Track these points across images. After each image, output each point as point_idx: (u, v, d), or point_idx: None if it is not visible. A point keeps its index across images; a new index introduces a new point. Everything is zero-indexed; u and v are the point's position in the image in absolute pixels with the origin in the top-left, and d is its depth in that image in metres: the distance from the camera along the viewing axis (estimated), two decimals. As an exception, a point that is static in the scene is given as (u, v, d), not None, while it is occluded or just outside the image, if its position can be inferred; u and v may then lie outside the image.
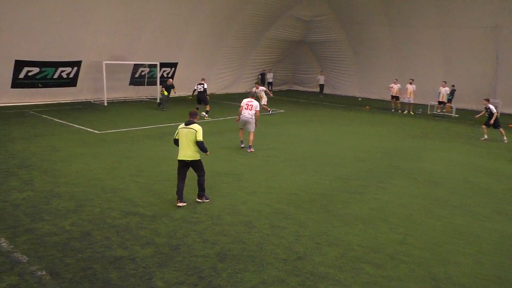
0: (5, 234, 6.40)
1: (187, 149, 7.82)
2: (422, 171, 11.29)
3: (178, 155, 7.90)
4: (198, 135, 7.82)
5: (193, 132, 7.83)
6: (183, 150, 7.83)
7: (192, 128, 7.84)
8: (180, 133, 7.87)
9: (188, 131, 7.83)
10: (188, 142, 7.80)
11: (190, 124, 7.89)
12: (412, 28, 26.96)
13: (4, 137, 13.00)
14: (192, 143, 7.82)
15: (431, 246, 6.74)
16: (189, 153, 7.83)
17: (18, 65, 18.76)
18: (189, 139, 7.80)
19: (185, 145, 7.81)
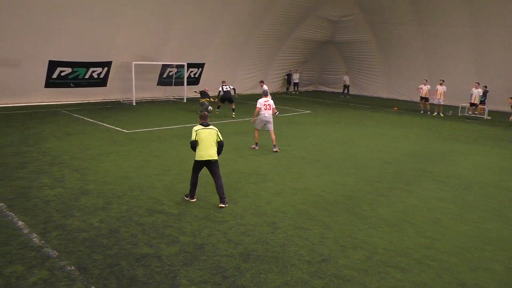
0: (36, 230, 6.62)
1: (211, 148, 7.95)
2: (451, 175, 11.00)
3: (199, 156, 7.95)
4: (220, 135, 8.08)
5: (215, 132, 8.04)
6: (207, 150, 7.92)
7: (213, 129, 8.05)
8: (202, 134, 7.94)
9: (210, 131, 7.99)
10: (212, 142, 7.95)
11: (208, 125, 8.06)
12: (443, 27, 26.29)
13: (37, 135, 13.46)
14: (215, 143, 8.00)
15: (459, 251, 6.56)
16: (213, 153, 7.98)
17: (52, 65, 19.39)
18: (213, 139, 7.97)
19: (209, 145, 7.92)
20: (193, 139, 7.98)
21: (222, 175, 9.63)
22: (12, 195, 8.08)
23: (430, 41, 27.53)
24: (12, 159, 10.57)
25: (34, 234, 6.45)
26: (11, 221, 6.90)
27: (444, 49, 26.99)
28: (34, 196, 8.07)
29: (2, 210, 7.33)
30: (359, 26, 30.48)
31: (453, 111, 23.84)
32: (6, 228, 6.62)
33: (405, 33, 28.38)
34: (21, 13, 17.14)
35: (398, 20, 28.05)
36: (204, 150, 7.92)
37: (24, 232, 6.50)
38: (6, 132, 13.67)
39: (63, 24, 18.45)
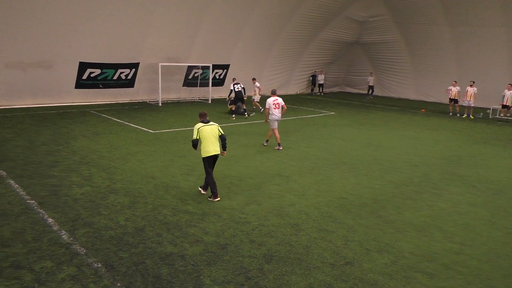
0: (66, 227, 6.80)
1: (215, 144, 8.36)
2: (482, 179, 10.67)
3: (207, 152, 8.26)
4: (221, 130, 8.50)
5: (216, 127, 8.45)
6: (211, 146, 8.29)
7: (213, 124, 8.45)
8: (204, 132, 8.27)
9: (212, 128, 8.37)
10: (214, 138, 8.35)
11: (208, 122, 8.45)
12: (473, 27, 25.57)
13: (67, 134, 13.84)
14: (216, 139, 8.41)
15: (490, 257, 6.35)
16: (217, 148, 8.40)
17: (82, 67, 19.92)
18: (215, 135, 8.37)
19: (213, 141, 8.31)
20: (195, 138, 8.33)
21: (246, 176, 9.72)
22: (43, 192, 8.33)
23: (460, 42, 26.82)
24: (45, 157, 10.90)
25: (63, 231, 6.63)
26: (41, 218, 7.12)
27: (475, 50, 26.23)
28: (64, 194, 8.29)
29: (33, 207, 7.57)
30: (386, 26, 29.98)
31: (484, 113, 23.13)
32: (37, 225, 6.83)
33: (434, 34, 27.73)
34: (53, 16, 17.68)
35: (427, 20, 27.44)
36: (210, 146, 8.28)
37: (54, 229, 6.69)
38: (39, 131, 14.12)
39: (93, 27, 18.94)
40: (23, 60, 18.22)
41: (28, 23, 17.31)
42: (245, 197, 8.53)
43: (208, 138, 8.27)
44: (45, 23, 17.69)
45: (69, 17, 18.09)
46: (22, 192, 8.29)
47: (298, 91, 32.20)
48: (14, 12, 16.75)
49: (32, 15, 17.22)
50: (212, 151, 8.28)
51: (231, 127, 16.50)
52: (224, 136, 8.51)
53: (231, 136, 14.69)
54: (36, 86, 19.21)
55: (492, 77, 25.15)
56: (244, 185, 9.34)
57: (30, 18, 17.24)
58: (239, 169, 10.55)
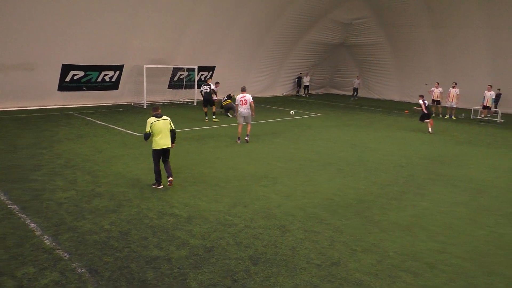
0: (49, 232, 6.69)
1: (167, 137, 8.88)
2: (465, 178, 10.85)
3: (158, 145, 8.79)
4: (172, 124, 9.00)
5: (168, 122, 8.94)
6: (163, 139, 8.81)
7: (166, 119, 8.93)
8: (157, 126, 8.74)
9: (164, 122, 8.85)
10: (166, 131, 8.84)
11: (161, 116, 8.89)
12: (456, 29, 26.02)
13: (51, 137, 13.63)
14: (168, 132, 8.90)
15: (473, 256, 6.46)
16: (168, 142, 8.92)
17: (65, 69, 19.65)
18: (167, 129, 8.86)
19: (165, 135, 8.83)
20: (148, 131, 8.79)
21: (233, 178, 9.73)
22: (26, 197, 8.19)
23: (443, 44, 27.27)
24: (27, 161, 10.72)
25: (46, 236, 6.52)
26: (23, 223, 6.99)
27: (458, 52, 26.69)
28: (47, 199, 8.16)
29: (15, 212, 7.43)
30: (371, 29, 30.34)
31: (466, 114, 23.53)
32: (19, 230, 6.70)
33: (417, 35, 28.15)
34: (35, 17, 17.41)
35: (411, 22, 27.84)
36: (161, 140, 8.79)
37: (36, 234, 6.58)
38: (21, 134, 13.88)
39: (76, 28, 18.70)
40: (4, 62, 17.88)
41: (10, 24, 17.01)
42: (232, 199, 8.52)
43: (160, 132, 8.76)
44: (27, 24, 17.40)
45: (52, 18, 17.83)
46: (3, 197, 8.13)
47: (284, 92, 32.32)
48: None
49: (14, 17, 16.92)
50: (162, 144, 8.81)
51: (218, 129, 16.47)
52: (174, 131, 9.04)
53: (218, 138, 14.66)
54: (18, 89, 18.86)
55: (474, 79, 25.61)
56: (231, 187, 9.32)
57: (12, 19, 16.94)
58: (226, 171, 10.53)
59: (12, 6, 16.63)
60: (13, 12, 16.79)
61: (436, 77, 26.85)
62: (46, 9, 17.47)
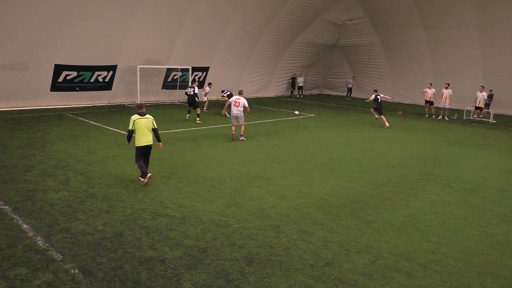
0: (41, 233, 6.64)
1: (148, 135, 9.15)
2: (457, 179, 10.93)
3: (139, 143, 9.04)
4: (154, 123, 9.26)
5: (150, 120, 9.22)
6: (144, 137, 9.09)
7: (149, 117, 9.20)
8: (139, 124, 9.04)
9: (147, 120, 9.14)
10: (148, 129, 9.11)
11: (144, 114, 9.17)
12: (448, 30, 26.21)
13: (43, 138, 13.53)
14: (150, 131, 9.17)
15: (465, 256, 6.50)
16: (150, 139, 9.19)
17: (58, 69, 19.52)
18: (149, 127, 9.13)
19: (146, 133, 9.10)
20: (130, 128, 9.10)
21: (227, 178, 9.74)
22: (18, 198, 8.12)
23: (435, 45, 27.46)
24: (19, 162, 10.63)
25: (38, 237, 6.47)
26: (16, 224, 6.93)
27: (450, 53, 26.89)
28: (39, 199, 8.10)
29: (8, 213, 7.37)
30: (364, 29, 30.46)
31: (459, 114, 23.71)
32: (11, 231, 6.65)
33: (411, 37, 28.32)
34: (28, 17, 17.29)
35: (404, 23, 28.00)
36: (143, 137, 9.06)
37: (29, 235, 6.53)
38: (13, 135, 13.76)
39: (69, 28, 18.60)
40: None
41: (2, 24, 16.87)
42: (226, 200, 8.51)
43: (142, 129, 9.04)
44: (20, 24, 17.27)
45: (44, 18, 17.71)
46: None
47: (278, 93, 32.36)
48: (-13, 13, 16.31)
49: (6, 16, 16.79)
50: (144, 142, 9.06)
51: (212, 130, 16.44)
52: (156, 130, 9.26)
53: (212, 138, 14.64)
54: (10, 89, 18.72)
55: (466, 79, 25.81)
56: (225, 187, 9.32)
57: (4, 19, 16.80)
58: (220, 172, 10.52)
59: (4, 6, 16.50)
60: (5, 12, 16.66)
61: (428, 78, 27.04)
62: (39, 9, 17.35)
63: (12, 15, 16.90)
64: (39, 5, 17.25)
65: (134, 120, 9.07)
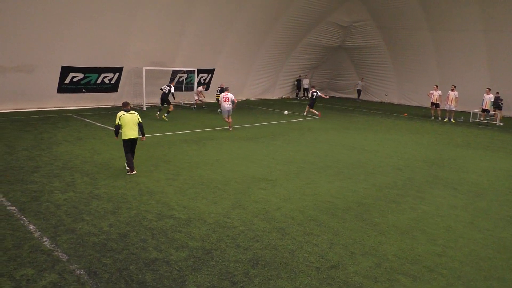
0: (47, 233, 6.68)
1: (134, 129, 10.00)
2: (464, 181, 10.86)
3: (125, 136, 9.93)
4: (139, 118, 10.10)
5: (136, 115, 10.05)
6: (131, 131, 9.96)
7: (134, 113, 10.05)
8: (125, 119, 9.90)
9: (132, 116, 9.99)
10: (133, 124, 9.97)
11: (129, 111, 10.05)
12: (455, 32, 26.11)
13: (50, 139, 13.61)
14: (135, 125, 10.01)
15: (472, 259, 6.46)
16: (135, 133, 10.05)
17: (64, 71, 19.65)
18: (134, 122, 9.98)
19: (132, 127, 9.96)
20: (117, 124, 9.92)
21: (232, 180, 9.74)
22: (24, 198, 8.17)
23: (442, 47, 27.36)
24: (26, 163, 10.70)
25: (45, 238, 6.51)
26: (22, 224, 6.98)
27: (456, 55, 26.78)
28: (45, 200, 8.15)
29: (14, 213, 7.42)
30: (370, 31, 30.42)
31: (465, 117, 23.58)
32: (17, 232, 6.69)
33: (416, 39, 28.23)
34: (35, 20, 17.43)
35: (409, 25, 27.93)
36: (129, 131, 9.94)
37: (35, 236, 6.56)
38: (20, 136, 13.86)
39: (75, 30, 18.73)
40: (3, 64, 17.89)
41: (9, 26, 17.02)
42: (231, 202, 8.51)
43: (128, 124, 9.89)
44: (27, 26, 17.41)
45: (51, 20, 17.84)
46: (2, 198, 8.11)
47: (283, 95, 32.36)
48: (-5, 15, 16.46)
49: (13, 19, 16.93)
50: (130, 135, 9.95)
51: (217, 132, 16.47)
52: (141, 124, 10.08)
53: (217, 140, 14.67)
54: (17, 91, 18.86)
55: (472, 81, 25.69)
56: (230, 189, 9.32)
57: (11, 21, 16.95)
58: (225, 173, 10.53)
59: (12, 9, 16.64)
60: (12, 14, 16.80)
61: (434, 80, 26.94)
62: (46, 11, 17.48)
63: (19, 18, 17.04)
64: (45, 8, 17.38)
65: (120, 116, 9.91)
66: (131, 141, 10.05)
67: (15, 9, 16.76)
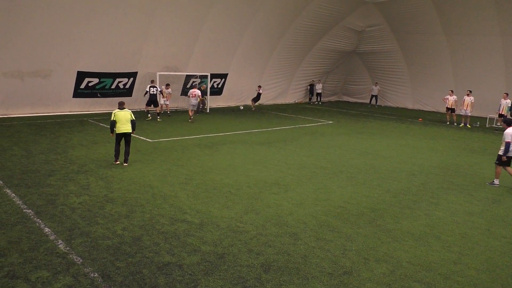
0: (62, 236, 6.77)
1: (126, 124, 11.23)
2: (480, 188, 10.68)
3: (118, 130, 11.15)
4: (132, 115, 11.41)
5: (129, 112, 11.36)
6: (124, 125, 11.18)
7: (127, 110, 11.37)
8: (119, 115, 11.16)
9: (125, 112, 11.28)
10: (126, 120, 11.22)
11: (123, 108, 11.35)
12: (470, 36, 25.78)
13: (65, 143, 13.82)
14: (128, 121, 11.24)
15: (489, 267, 6.34)
16: (128, 127, 11.26)
17: (80, 76, 19.96)
18: (127, 118, 11.24)
19: (124, 122, 11.19)
20: (112, 119, 11.13)
21: (245, 185, 9.74)
22: (40, 202, 8.30)
23: (456, 51, 27.03)
24: (42, 166, 10.88)
25: (60, 241, 6.59)
26: (38, 227, 7.08)
27: (472, 59, 26.42)
28: (61, 203, 8.26)
29: (30, 216, 7.53)
30: (384, 36, 30.21)
31: (481, 122, 23.23)
32: (33, 234, 6.79)
33: (431, 43, 27.95)
34: (51, 26, 17.76)
35: (424, 29, 27.67)
36: (121, 126, 11.17)
37: (50, 239, 6.65)
38: (37, 140, 14.10)
39: (91, 36, 19.03)
40: (21, 69, 18.25)
41: (26, 32, 17.37)
42: (243, 206, 8.52)
43: (121, 120, 11.15)
44: (43, 32, 17.75)
45: (67, 26, 18.17)
46: (18, 201, 8.25)
47: (296, 100, 32.32)
48: (12, 21, 16.82)
49: (30, 25, 17.28)
50: (122, 129, 11.18)
51: (229, 136, 16.51)
52: (133, 121, 11.37)
53: (230, 145, 14.70)
54: (34, 95, 19.22)
55: (488, 86, 25.30)
56: (242, 194, 9.33)
57: (28, 27, 17.30)
58: (237, 178, 10.54)
59: (29, 15, 16.99)
60: (30, 21, 17.15)
61: (450, 84, 26.62)
62: (62, 18, 17.81)
63: (36, 25, 17.39)
64: (62, 15, 17.71)
65: (114, 113, 11.17)
66: (122, 135, 11.27)
67: (33, 16, 17.10)
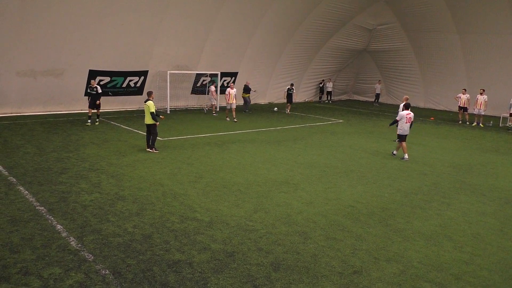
0: (74, 233, 6.84)
1: (147, 116, 12.66)
2: (493, 188, 10.55)
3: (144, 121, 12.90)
4: (151, 108, 12.56)
5: (147, 106, 12.59)
6: (145, 117, 12.74)
7: (146, 104, 12.64)
8: (144, 107, 12.68)
9: (145, 105, 12.69)
10: (147, 112, 12.65)
11: (147, 101, 12.70)
12: (482, 34, 25.43)
13: (77, 141, 13.96)
14: (147, 113, 12.61)
15: (501, 268, 6.26)
16: (147, 119, 12.68)
17: (91, 74, 20.13)
18: (147, 110, 12.64)
19: (147, 114, 12.67)
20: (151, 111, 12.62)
21: (254, 184, 9.76)
22: (53, 199, 8.40)
23: (469, 50, 26.66)
24: (54, 164, 11.01)
25: (71, 238, 6.67)
26: (50, 224, 7.17)
27: (485, 58, 26.05)
28: (72, 201, 8.35)
29: (43, 214, 7.63)
30: (395, 34, 29.95)
31: (494, 121, 22.92)
32: (46, 231, 6.88)
33: (443, 41, 27.63)
34: (63, 25, 17.94)
35: (436, 28, 27.36)
36: (145, 117, 12.80)
37: (62, 236, 6.74)
38: (49, 138, 14.27)
39: (102, 35, 19.18)
40: (34, 68, 18.48)
41: (39, 32, 17.57)
42: (253, 205, 8.53)
43: (145, 111, 12.73)
44: (56, 32, 17.94)
45: (79, 26, 18.33)
46: (31, 199, 8.37)
47: (307, 98, 32.21)
48: (26, 21, 17.02)
49: (43, 25, 17.48)
50: (145, 121, 12.79)
51: (239, 135, 16.53)
52: (152, 113, 12.55)
53: (239, 143, 14.72)
54: (47, 94, 19.45)
55: (502, 85, 24.94)
56: (252, 192, 9.34)
57: (41, 27, 17.50)
58: (247, 177, 10.55)
59: (42, 15, 17.18)
60: (43, 21, 17.35)
61: (462, 83, 26.30)
62: (74, 18, 17.97)
63: (49, 25, 17.57)
64: (74, 14, 17.87)
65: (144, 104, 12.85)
66: (146, 125, 12.82)
67: (45, 17, 17.29)
